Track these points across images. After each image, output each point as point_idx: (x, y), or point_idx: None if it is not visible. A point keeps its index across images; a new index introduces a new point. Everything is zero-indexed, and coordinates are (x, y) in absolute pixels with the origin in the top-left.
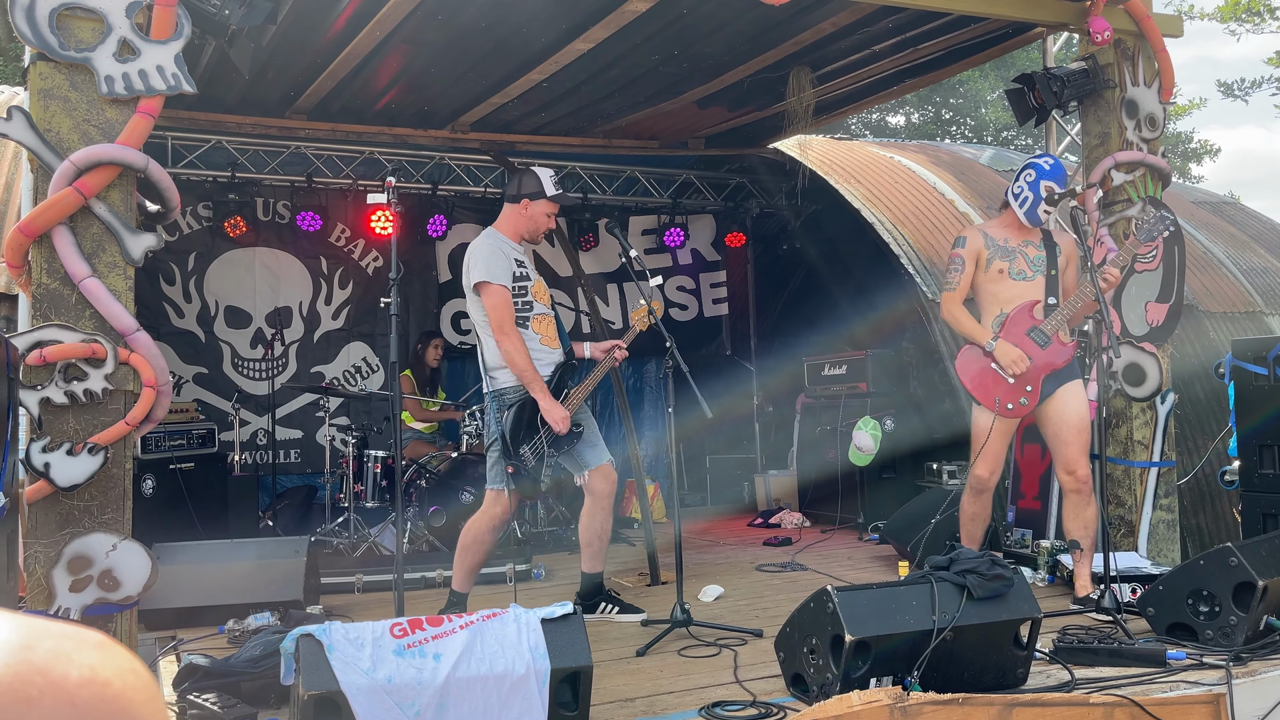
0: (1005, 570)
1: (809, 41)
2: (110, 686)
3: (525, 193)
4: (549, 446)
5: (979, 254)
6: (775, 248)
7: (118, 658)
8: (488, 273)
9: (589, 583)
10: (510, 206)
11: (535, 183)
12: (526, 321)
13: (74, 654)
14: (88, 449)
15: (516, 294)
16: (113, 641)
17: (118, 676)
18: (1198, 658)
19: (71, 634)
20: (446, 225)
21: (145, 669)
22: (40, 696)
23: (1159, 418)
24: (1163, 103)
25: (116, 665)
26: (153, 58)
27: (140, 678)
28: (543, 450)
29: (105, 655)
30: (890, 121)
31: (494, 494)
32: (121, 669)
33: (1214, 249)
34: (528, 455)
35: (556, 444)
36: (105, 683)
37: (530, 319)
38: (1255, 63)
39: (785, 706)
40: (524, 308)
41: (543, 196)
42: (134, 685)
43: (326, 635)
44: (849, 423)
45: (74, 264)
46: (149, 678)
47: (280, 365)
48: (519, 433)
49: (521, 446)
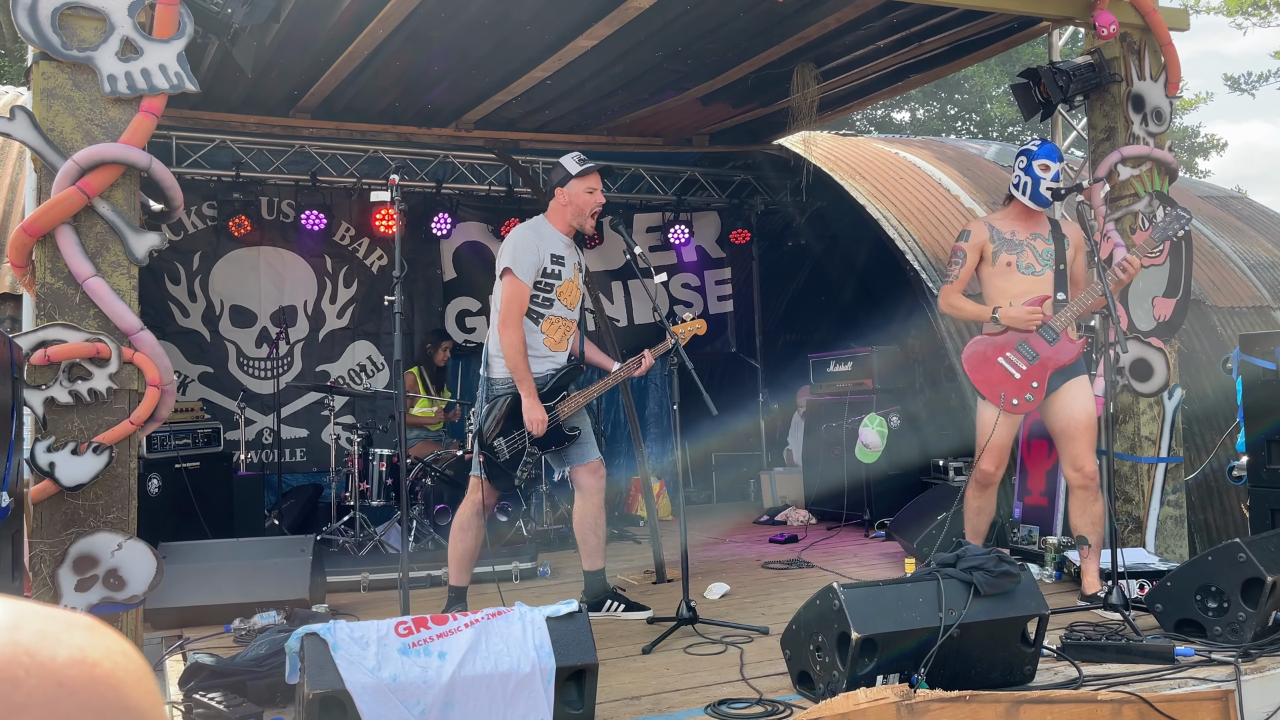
0: (1012, 567)
1: (813, 37)
2: (99, 667)
3: (555, 182)
4: (531, 444)
5: (983, 247)
6: (780, 244)
7: (107, 639)
8: (512, 261)
9: (593, 581)
10: (553, 200)
11: (561, 170)
12: (539, 319)
13: (62, 635)
14: (92, 448)
15: (540, 289)
16: (102, 624)
17: (107, 657)
18: (1206, 654)
19: (60, 616)
20: (451, 223)
21: (136, 651)
22: (27, 676)
23: (1166, 413)
24: (1169, 97)
25: (106, 646)
26: (155, 56)
27: (130, 659)
28: (522, 446)
29: (94, 637)
30: (895, 118)
31: (475, 481)
32: (111, 650)
33: (1221, 244)
34: (502, 448)
35: (542, 443)
36: (94, 663)
37: (544, 318)
38: (1262, 56)
39: (791, 704)
40: (543, 304)
41: (570, 177)
42: (124, 666)
43: (331, 634)
44: (855, 420)
45: (78, 263)
46: (139, 660)
47: (285, 364)
48: (497, 425)
49: (497, 439)
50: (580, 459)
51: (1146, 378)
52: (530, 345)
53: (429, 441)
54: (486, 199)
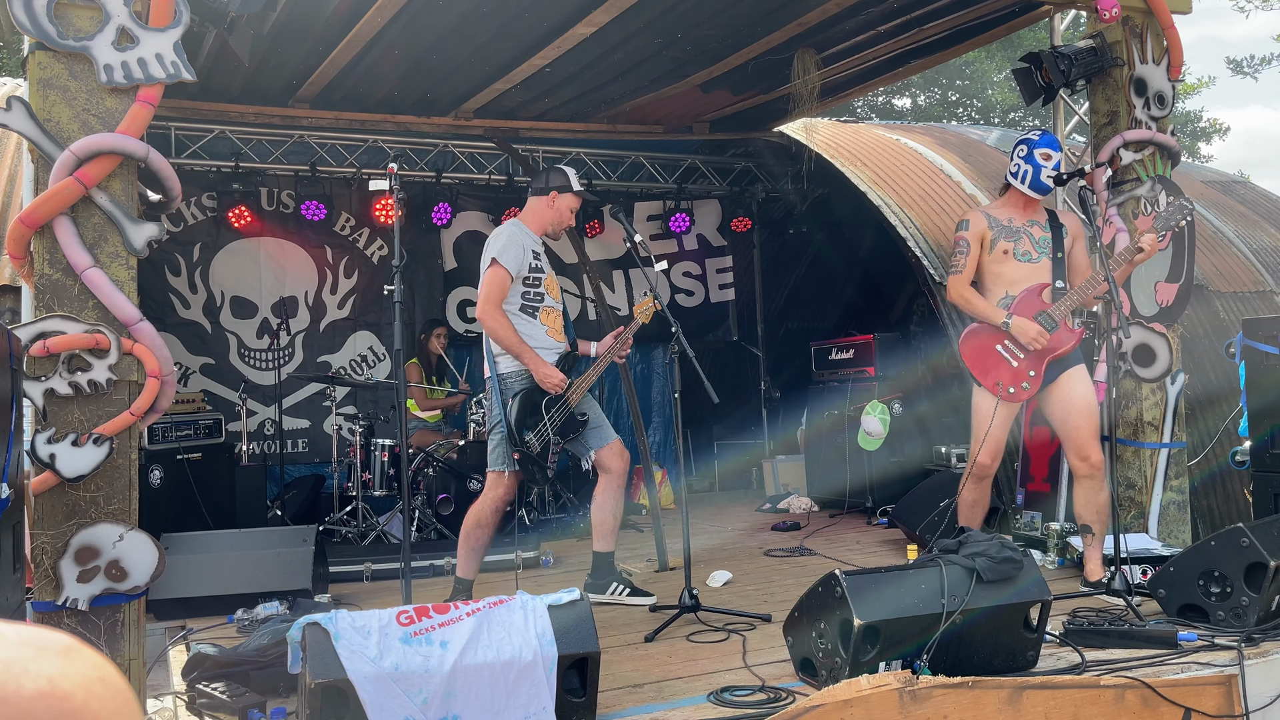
0: (1015, 553)
1: (813, 23)
2: (71, 700)
3: (554, 185)
4: (554, 434)
5: (983, 235)
6: (781, 232)
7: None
8: (500, 252)
9: (601, 562)
10: (537, 199)
11: (562, 177)
12: (535, 312)
13: (30, 664)
14: (93, 439)
15: (529, 284)
16: (81, 646)
17: (80, 688)
18: (1209, 639)
19: (32, 640)
20: (451, 213)
21: (117, 677)
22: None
23: (1169, 399)
24: (1171, 80)
25: (81, 674)
26: (152, 46)
27: (109, 687)
28: (548, 437)
29: (68, 663)
30: (896, 104)
31: (495, 476)
32: (87, 678)
33: (1224, 228)
34: (533, 442)
35: (562, 431)
36: (65, 695)
37: (540, 310)
38: (1264, 40)
39: (794, 691)
40: (535, 299)
41: (569, 190)
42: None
43: (333, 623)
44: (857, 407)
45: (76, 254)
46: (120, 686)
47: (286, 355)
48: (524, 419)
49: (527, 434)
50: (601, 441)
51: (1149, 363)
52: (534, 338)
53: (430, 431)
54: (486, 188)
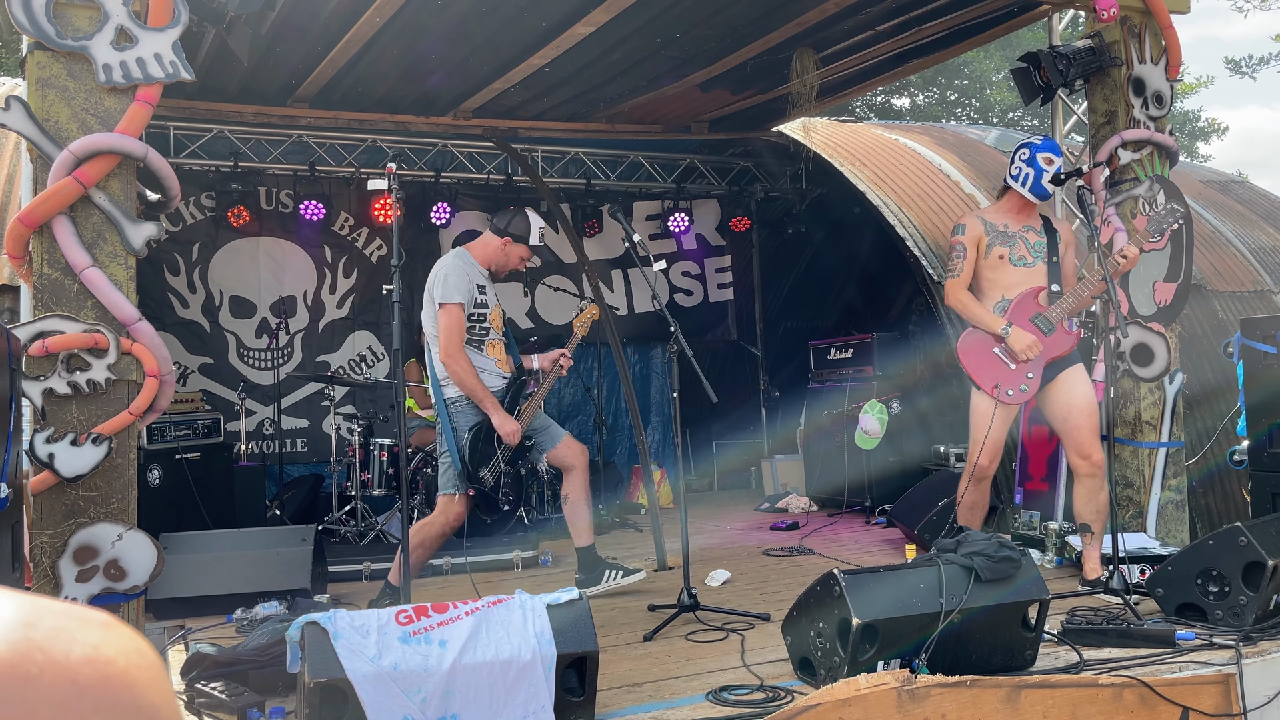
0: (1013, 552)
1: (812, 22)
2: (114, 665)
3: (512, 231)
4: (505, 464)
5: (979, 240)
6: (780, 231)
7: (123, 637)
8: (447, 294)
9: (587, 556)
10: (491, 236)
11: (524, 225)
12: (482, 345)
13: (77, 632)
14: (91, 439)
15: (475, 319)
16: (118, 621)
17: (122, 655)
18: (1207, 638)
19: (76, 613)
20: (450, 212)
21: (151, 649)
22: (40, 674)
23: (1167, 398)
24: (1170, 80)
25: (121, 644)
26: (150, 45)
27: (145, 657)
28: (500, 469)
29: (110, 634)
30: (895, 104)
31: (445, 500)
32: (126, 648)
33: (1222, 228)
34: (487, 477)
35: (513, 460)
36: (108, 661)
37: (485, 343)
38: (1262, 40)
39: (793, 690)
40: (480, 333)
41: (524, 241)
42: (139, 665)
43: (332, 623)
44: (856, 406)
45: (75, 254)
46: (155, 658)
47: (285, 355)
48: (476, 456)
49: (481, 469)
50: (551, 442)
51: (1147, 363)
52: (485, 369)
53: (429, 430)
54: (485, 188)
